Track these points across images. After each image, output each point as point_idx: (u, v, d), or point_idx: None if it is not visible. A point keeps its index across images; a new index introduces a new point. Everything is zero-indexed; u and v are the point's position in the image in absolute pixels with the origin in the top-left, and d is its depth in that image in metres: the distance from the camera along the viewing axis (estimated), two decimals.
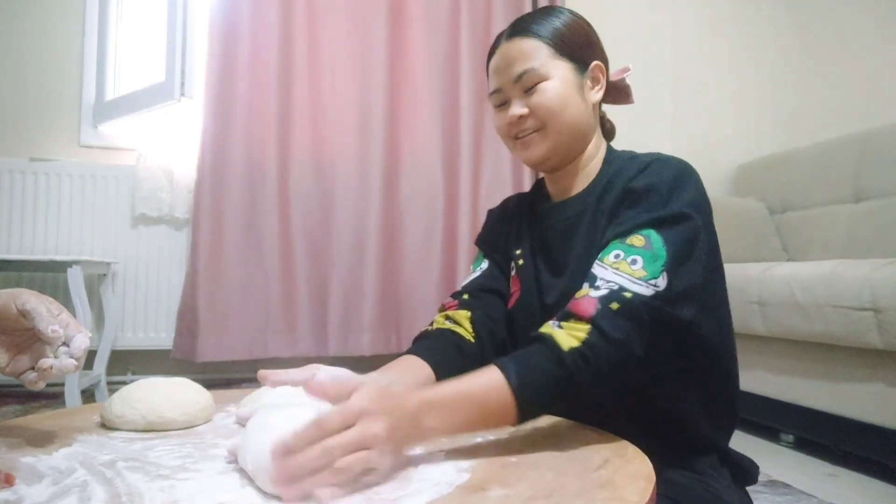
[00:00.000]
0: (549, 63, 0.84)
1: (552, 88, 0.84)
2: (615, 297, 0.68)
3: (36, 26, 2.67)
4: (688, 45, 3.27)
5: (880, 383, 1.68)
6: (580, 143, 0.88)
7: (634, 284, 0.69)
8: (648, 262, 0.70)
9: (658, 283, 0.69)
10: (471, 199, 2.80)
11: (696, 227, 0.75)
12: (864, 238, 2.39)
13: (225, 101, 2.60)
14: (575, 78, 0.86)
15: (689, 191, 0.77)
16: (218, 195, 2.59)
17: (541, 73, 0.84)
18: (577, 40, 0.87)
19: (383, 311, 2.70)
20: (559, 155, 0.87)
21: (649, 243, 0.72)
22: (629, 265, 0.70)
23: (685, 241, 0.73)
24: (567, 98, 0.84)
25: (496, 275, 0.96)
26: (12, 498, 0.50)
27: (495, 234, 1.00)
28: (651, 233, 0.73)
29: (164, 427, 0.73)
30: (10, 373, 0.66)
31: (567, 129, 0.85)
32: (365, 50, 2.75)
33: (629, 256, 0.71)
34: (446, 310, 0.94)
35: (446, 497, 0.51)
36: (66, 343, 0.65)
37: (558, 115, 0.84)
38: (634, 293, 0.68)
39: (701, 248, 0.75)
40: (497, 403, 0.63)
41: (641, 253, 0.71)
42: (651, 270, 0.70)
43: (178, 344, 2.55)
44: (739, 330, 2.10)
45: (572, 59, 0.86)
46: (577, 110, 0.86)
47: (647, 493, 0.51)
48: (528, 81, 0.84)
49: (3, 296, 0.66)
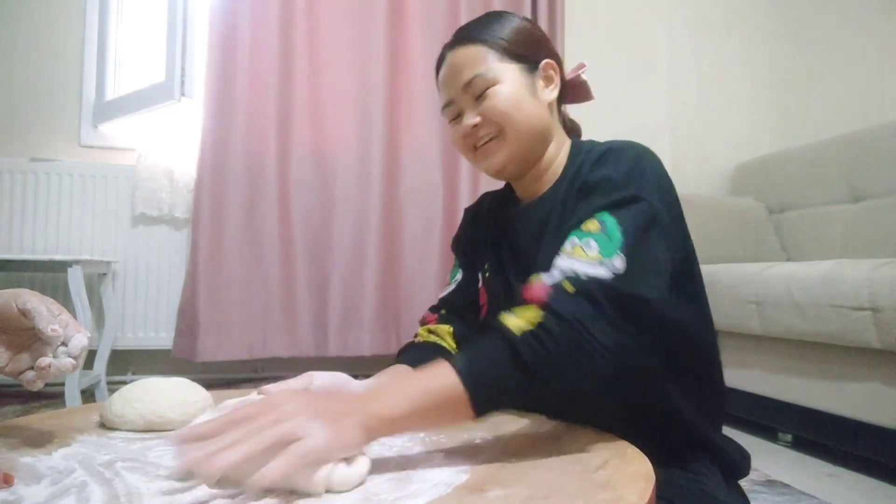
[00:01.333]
0: (496, 67, 0.82)
1: (502, 92, 0.81)
2: (568, 279, 0.65)
3: (36, 26, 2.67)
4: (685, 46, 3.27)
5: (878, 383, 1.68)
6: (540, 145, 0.86)
7: (589, 267, 0.66)
8: (603, 244, 0.68)
9: (615, 263, 0.66)
10: (470, 198, 2.80)
11: (652, 208, 0.72)
12: (862, 238, 2.39)
13: (225, 100, 2.60)
14: (525, 79, 0.84)
15: (647, 175, 0.75)
16: (218, 195, 2.59)
17: (489, 78, 0.82)
18: (524, 40, 0.85)
19: (383, 310, 2.70)
20: (520, 159, 0.85)
21: (604, 227, 0.69)
22: (583, 250, 0.68)
23: (642, 221, 0.71)
24: (519, 99, 0.82)
25: (471, 287, 0.95)
26: (11, 498, 0.50)
27: (467, 240, 0.99)
28: (605, 216, 0.70)
29: (163, 427, 0.73)
30: (9, 372, 0.66)
31: (524, 130, 0.83)
32: (364, 49, 2.75)
33: (583, 240, 0.69)
34: (427, 323, 0.93)
35: (445, 498, 0.51)
36: (66, 343, 0.66)
37: (512, 118, 0.82)
38: (589, 276, 0.65)
39: (662, 230, 0.73)
40: (447, 392, 0.59)
41: (596, 237, 0.69)
42: (606, 252, 0.67)
43: (178, 344, 2.55)
44: (737, 329, 2.10)
45: (520, 60, 0.84)
46: (532, 111, 0.83)
47: (647, 494, 0.52)
48: (478, 88, 0.82)
49: (3, 295, 0.66)
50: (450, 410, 0.61)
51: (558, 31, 2.92)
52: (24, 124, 2.65)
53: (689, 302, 0.80)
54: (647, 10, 3.25)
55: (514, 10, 2.85)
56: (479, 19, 0.88)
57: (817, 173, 2.68)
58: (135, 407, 0.73)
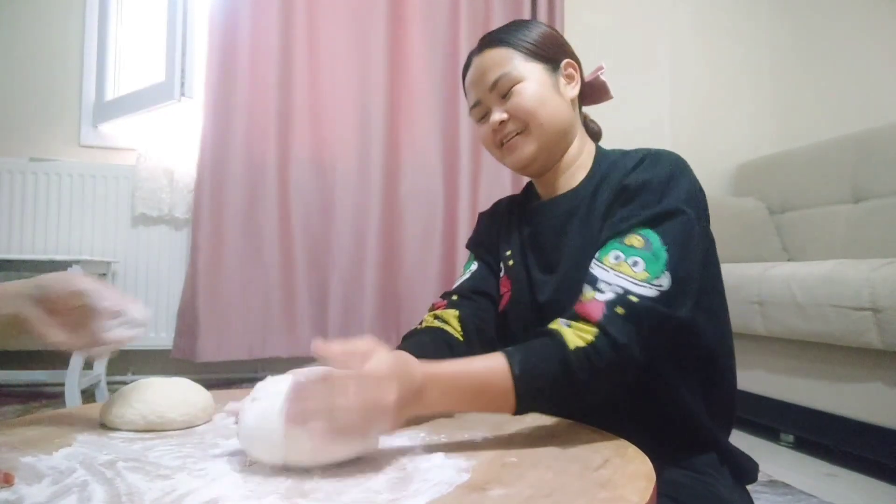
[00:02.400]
0: (521, 66, 0.87)
1: (528, 89, 0.86)
2: (620, 302, 0.69)
3: (36, 26, 2.67)
4: (686, 46, 3.28)
5: (880, 383, 1.68)
6: (564, 140, 0.89)
7: (638, 287, 0.69)
8: (649, 263, 0.71)
9: (661, 282, 0.70)
10: (470, 199, 2.80)
11: (691, 222, 0.75)
12: (863, 238, 2.39)
13: (225, 100, 2.60)
14: (548, 77, 0.88)
15: (684, 185, 0.78)
16: (218, 195, 2.59)
17: (514, 77, 0.86)
18: (546, 42, 0.90)
19: (383, 311, 2.70)
20: (545, 153, 0.88)
21: (648, 244, 0.72)
22: (630, 267, 0.71)
23: (683, 237, 0.74)
24: (543, 96, 0.86)
25: (486, 276, 0.97)
26: (12, 498, 0.50)
27: (486, 237, 1.01)
28: (649, 232, 0.73)
29: (163, 427, 0.73)
30: (69, 348, 0.71)
31: (548, 125, 0.86)
32: (364, 49, 2.75)
33: (629, 258, 0.72)
34: (435, 309, 0.95)
35: (446, 497, 0.51)
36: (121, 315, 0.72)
37: (537, 114, 0.86)
38: (640, 296, 0.69)
39: (697, 243, 0.76)
40: (497, 387, 0.65)
41: (641, 254, 0.72)
42: (653, 271, 0.70)
43: (178, 344, 2.55)
44: (739, 330, 2.10)
45: (543, 60, 0.88)
46: (556, 106, 0.87)
47: (648, 493, 0.51)
48: (504, 86, 0.87)
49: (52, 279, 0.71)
50: (493, 404, 0.67)
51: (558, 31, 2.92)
52: (24, 124, 2.65)
53: (711, 312, 0.82)
54: (648, 10, 3.25)
55: (513, 11, 2.87)
56: (503, 26, 0.93)
57: (819, 174, 2.68)
58: (135, 407, 0.73)
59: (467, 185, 2.81)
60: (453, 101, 2.83)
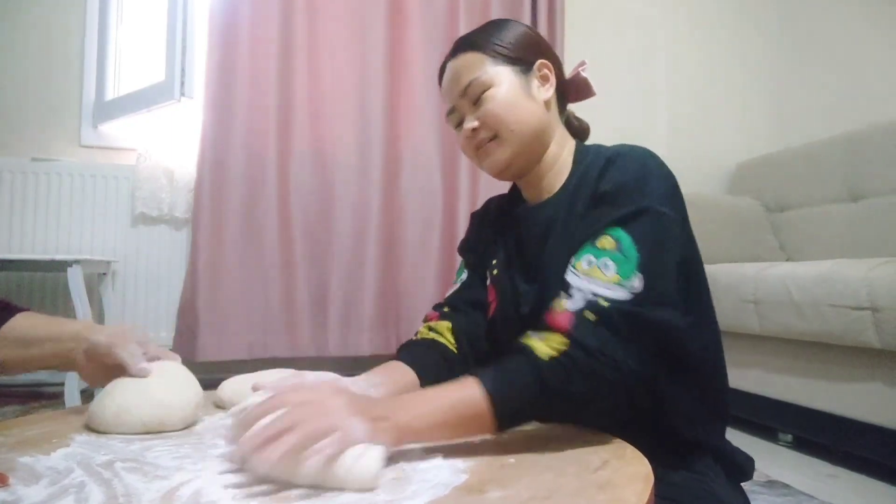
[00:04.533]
0: (491, 71, 0.85)
1: (497, 95, 0.85)
2: (590, 307, 0.67)
3: (36, 26, 2.67)
4: (684, 46, 3.28)
5: (878, 382, 1.68)
6: (539, 143, 0.88)
7: (608, 290, 0.68)
8: (620, 264, 0.70)
9: (634, 284, 0.69)
10: (470, 195, 2.80)
11: (665, 220, 0.74)
12: (861, 237, 2.39)
13: (225, 100, 2.60)
14: (520, 80, 0.86)
15: (658, 182, 0.76)
16: (218, 195, 2.59)
17: (484, 81, 0.85)
18: (517, 44, 0.88)
19: (383, 310, 2.70)
20: (520, 158, 0.87)
21: (619, 245, 0.71)
22: (601, 271, 0.70)
23: (655, 236, 0.72)
24: (513, 101, 0.85)
25: (476, 286, 0.97)
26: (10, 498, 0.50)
27: (475, 242, 1.01)
28: (620, 233, 0.72)
29: (163, 429, 0.72)
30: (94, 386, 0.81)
31: (519, 130, 0.85)
32: (364, 49, 2.75)
33: (600, 260, 0.71)
34: (429, 321, 0.95)
35: (444, 498, 0.51)
36: None
37: (507, 120, 0.84)
38: (610, 300, 0.68)
39: (673, 240, 0.75)
40: (472, 408, 0.63)
41: (612, 255, 0.70)
42: (624, 273, 0.69)
43: (178, 343, 2.55)
44: (736, 329, 2.10)
45: (514, 63, 0.87)
46: (527, 110, 0.86)
47: (646, 495, 0.52)
48: (474, 92, 0.86)
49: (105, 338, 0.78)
50: (473, 425, 0.65)
51: (558, 31, 2.92)
52: (25, 124, 2.65)
53: (691, 306, 0.80)
54: (646, 9, 3.25)
55: (513, 11, 2.86)
56: (476, 29, 0.92)
57: (816, 172, 2.68)
58: (133, 413, 0.71)
59: (467, 182, 2.81)
60: None
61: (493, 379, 0.64)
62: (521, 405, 0.65)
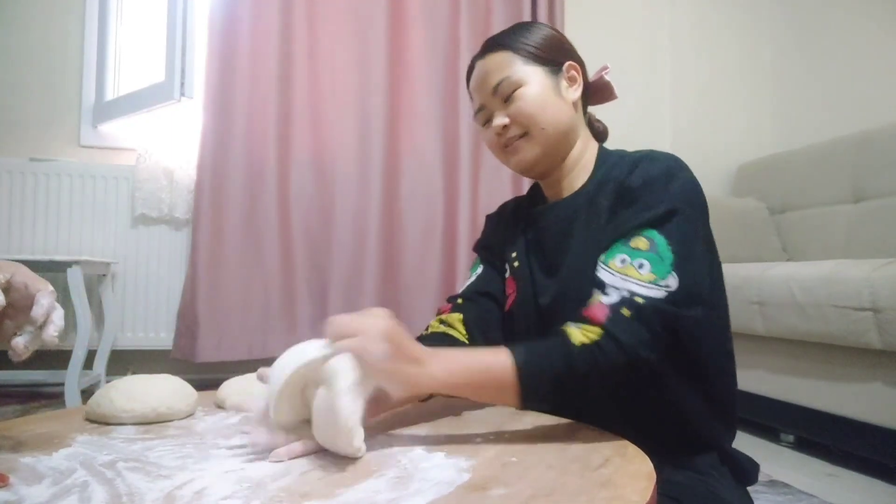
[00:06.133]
0: (522, 70, 0.87)
1: (529, 93, 0.86)
2: (626, 304, 0.69)
3: (36, 26, 2.67)
4: (686, 46, 3.28)
5: (880, 383, 1.68)
6: (566, 142, 0.90)
7: (644, 289, 0.70)
8: (655, 264, 0.72)
9: (669, 283, 0.71)
10: (470, 200, 2.80)
11: (694, 221, 0.76)
12: (863, 238, 2.39)
13: (225, 100, 2.60)
14: (550, 80, 0.88)
15: (684, 184, 0.78)
16: (218, 195, 2.59)
17: (515, 81, 0.87)
18: (547, 45, 0.90)
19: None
20: (548, 156, 0.89)
21: (653, 245, 0.73)
22: (636, 269, 0.72)
23: (687, 237, 0.74)
24: (545, 100, 0.87)
25: (491, 278, 0.98)
26: (12, 499, 0.50)
27: (492, 239, 1.02)
28: (654, 234, 0.74)
29: (171, 417, 0.77)
30: None
31: (550, 129, 0.87)
32: (365, 50, 2.75)
33: (635, 260, 0.72)
34: (441, 313, 0.95)
35: (447, 497, 0.51)
36: None
37: (538, 118, 0.86)
38: (646, 298, 0.70)
39: (702, 241, 0.77)
40: (500, 375, 0.66)
41: (647, 256, 0.72)
42: (659, 273, 0.71)
43: (178, 344, 2.55)
44: (739, 330, 2.10)
45: (545, 63, 0.88)
46: (557, 110, 0.88)
47: (648, 493, 0.51)
48: (505, 90, 0.87)
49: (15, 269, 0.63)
50: (498, 392, 0.68)
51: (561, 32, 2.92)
52: (24, 124, 2.65)
53: (714, 312, 0.82)
54: (648, 10, 3.25)
55: (513, 11, 2.86)
56: (505, 29, 0.94)
57: (819, 174, 2.68)
58: (144, 401, 0.75)
59: (467, 186, 2.81)
60: (453, 102, 2.83)
61: (525, 353, 0.67)
62: (546, 383, 0.67)
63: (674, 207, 0.75)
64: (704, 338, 0.81)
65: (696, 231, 0.77)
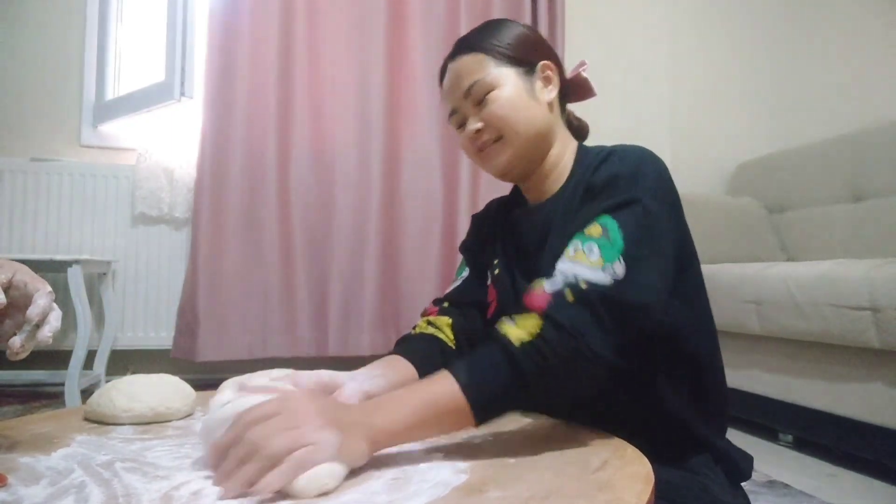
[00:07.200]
0: (494, 72, 0.85)
1: (502, 96, 0.84)
2: (570, 288, 0.66)
3: (36, 26, 2.67)
4: (685, 45, 3.28)
5: (879, 383, 1.68)
6: (542, 145, 0.88)
7: (591, 273, 0.67)
8: (605, 249, 0.69)
9: (615, 268, 0.67)
10: (470, 196, 2.80)
11: (653, 210, 0.73)
12: (862, 237, 2.39)
13: (225, 100, 2.60)
14: (523, 81, 0.86)
15: (650, 177, 0.76)
16: (218, 195, 2.59)
17: (487, 83, 0.85)
18: (520, 45, 0.88)
19: (383, 310, 2.70)
20: (524, 160, 0.87)
21: (606, 231, 0.70)
22: (586, 255, 0.69)
23: (642, 225, 0.71)
24: (518, 102, 0.85)
25: (477, 284, 0.97)
26: (10, 499, 0.50)
27: (476, 241, 1.01)
28: (607, 219, 0.71)
29: (170, 417, 0.77)
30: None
31: (524, 132, 0.85)
32: (364, 48, 2.75)
33: (586, 245, 0.70)
34: (428, 315, 0.95)
35: (444, 498, 0.51)
36: None
37: (511, 121, 0.84)
38: (590, 282, 0.66)
39: (661, 233, 0.73)
40: (448, 403, 0.62)
41: (598, 241, 0.70)
42: (608, 257, 0.68)
43: (178, 343, 2.55)
44: (737, 329, 2.10)
45: (517, 64, 0.86)
46: (531, 112, 0.86)
47: (646, 495, 0.51)
48: (477, 94, 0.85)
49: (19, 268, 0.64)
50: (451, 420, 0.63)
51: (558, 31, 2.92)
52: (25, 124, 2.65)
53: (684, 304, 0.80)
54: (647, 9, 3.25)
55: (513, 11, 2.86)
56: (476, 29, 0.91)
57: (817, 173, 2.68)
58: (143, 400, 0.76)
59: (467, 183, 2.81)
60: None
61: (467, 371, 0.63)
62: (497, 395, 0.64)
63: (636, 197, 0.73)
64: (688, 336, 0.80)
65: (655, 221, 0.73)
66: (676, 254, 0.77)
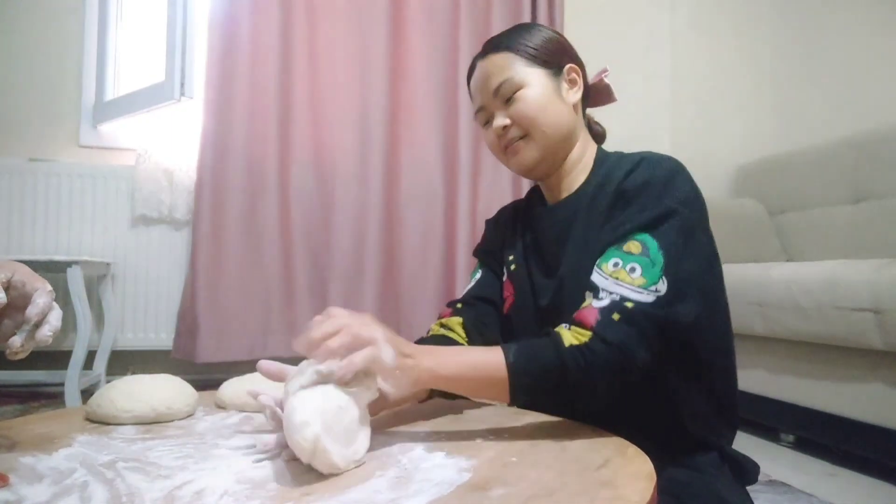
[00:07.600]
0: (523, 72, 0.88)
1: (530, 95, 0.87)
2: (616, 308, 0.71)
3: (36, 26, 2.67)
4: (687, 47, 3.27)
5: (880, 384, 1.68)
6: (566, 144, 0.91)
7: (635, 293, 0.71)
8: (646, 268, 0.73)
9: (658, 288, 0.72)
10: (470, 200, 2.80)
11: (688, 223, 0.77)
12: (863, 239, 2.39)
13: (225, 101, 2.60)
14: (551, 82, 0.89)
15: (682, 186, 0.79)
16: (218, 196, 2.59)
17: (517, 82, 0.87)
18: (548, 47, 0.90)
19: (383, 312, 2.70)
20: (548, 158, 0.89)
21: (645, 249, 0.74)
22: (628, 273, 0.73)
23: (680, 240, 0.75)
24: (545, 102, 0.87)
25: (490, 283, 0.99)
26: (12, 498, 0.50)
27: (491, 244, 1.03)
28: (646, 237, 0.74)
29: (170, 417, 0.77)
30: None
31: (550, 130, 0.88)
32: (365, 50, 2.75)
33: (627, 264, 0.73)
34: (442, 318, 0.96)
35: (447, 497, 0.51)
36: None
37: (539, 120, 0.87)
38: (636, 302, 0.71)
39: (696, 244, 0.77)
40: (491, 370, 0.68)
41: (639, 260, 0.73)
42: (650, 277, 0.72)
43: (178, 344, 2.55)
44: (739, 331, 2.09)
45: (546, 65, 0.89)
46: (558, 112, 0.88)
47: (648, 493, 0.51)
48: (506, 92, 0.88)
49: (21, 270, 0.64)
50: (489, 389, 0.70)
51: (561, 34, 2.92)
52: (24, 124, 2.65)
53: (714, 314, 0.83)
54: (648, 10, 3.25)
55: (513, 11, 2.87)
56: (506, 30, 0.94)
57: (819, 174, 2.68)
58: (144, 401, 0.76)
59: (467, 187, 2.81)
60: (453, 103, 2.83)
61: (516, 351, 0.69)
62: (537, 381, 0.69)
63: (669, 210, 0.76)
64: (705, 338, 0.81)
65: (693, 233, 0.77)
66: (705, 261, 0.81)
